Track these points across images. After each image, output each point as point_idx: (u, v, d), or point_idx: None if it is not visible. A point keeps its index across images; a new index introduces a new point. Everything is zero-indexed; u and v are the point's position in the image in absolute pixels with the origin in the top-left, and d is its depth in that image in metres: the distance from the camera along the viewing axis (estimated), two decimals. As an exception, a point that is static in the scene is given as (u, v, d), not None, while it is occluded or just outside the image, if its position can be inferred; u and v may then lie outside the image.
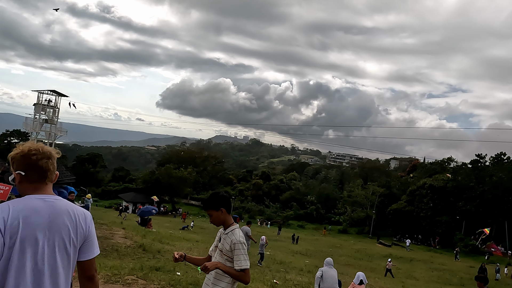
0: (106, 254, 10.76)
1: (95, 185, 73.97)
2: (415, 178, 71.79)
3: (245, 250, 3.21)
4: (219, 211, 3.31)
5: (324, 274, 8.78)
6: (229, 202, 3.43)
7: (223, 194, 3.47)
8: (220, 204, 3.31)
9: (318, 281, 8.71)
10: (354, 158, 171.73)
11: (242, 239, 3.24)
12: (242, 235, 3.29)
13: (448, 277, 28.03)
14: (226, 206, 3.38)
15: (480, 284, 7.39)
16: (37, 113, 52.92)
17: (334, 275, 9.00)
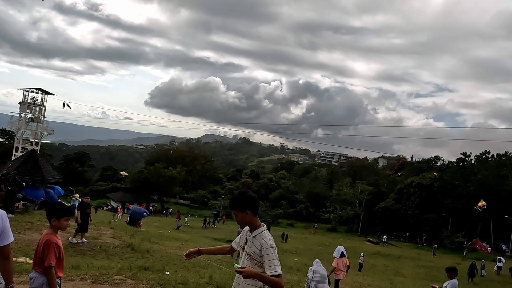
0: (94, 254, 10.67)
1: (82, 184, 72.99)
2: (403, 177, 72.60)
3: (276, 254, 3.03)
4: (244, 213, 3.13)
5: (315, 273, 8.78)
6: (256, 203, 3.19)
7: (250, 195, 3.21)
8: (245, 206, 3.13)
9: (309, 282, 8.70)
10: (343, 157, 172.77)
11: (273, 243, 3.06)
12: (271, 238, 3.09)
13: (435, 274, 28.42)
14: (252, 207, 3.15)
15: (451, 276, 7.72)
16: (22, 111, 51.93)
17: (324, 274, 9.04)
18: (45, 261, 3.57)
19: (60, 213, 3.75)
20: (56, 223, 3.73)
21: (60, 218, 3.74)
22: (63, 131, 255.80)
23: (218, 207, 72.38)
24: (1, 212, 2.99)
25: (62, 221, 3.76)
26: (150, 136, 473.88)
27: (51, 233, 3.72)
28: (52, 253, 3.60)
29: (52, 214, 3.75)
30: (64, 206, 3.88)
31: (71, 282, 6.45)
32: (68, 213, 3.82)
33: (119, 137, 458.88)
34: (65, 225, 3.81)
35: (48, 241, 3.62)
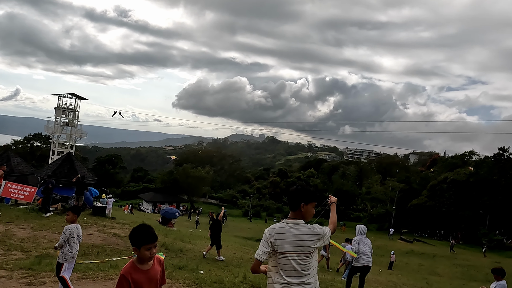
0: (130, 253, 10.93)
1: (115, 185, 75.20)
2: (436, 173, 70.50)
3: (262, 240, 3.18)
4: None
5: (360, 245, 8.51)
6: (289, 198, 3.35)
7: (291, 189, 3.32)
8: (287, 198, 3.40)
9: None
10: (372, 154, 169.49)
11: (267, 229, 3.23)
12: (272, 227, 3.23)
13: (473, 273, 27.45)
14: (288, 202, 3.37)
15: (498, 277, 7.30)
16: (58, 116, 54.04)
17: (368, 246, 8.67)
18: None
19: (139, 241, 2.92)
20: (136, 252, 2.92)
21: (140, 247, 2.91)
22: (96, 134, 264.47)
23: (247, 206, 72.70)
24: None
25: (143, 251, 2.91)
26: (178, 137, 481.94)
27: (132, 262, 2.99)
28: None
29: (133, 242, 2.95)
30: (151, 231, 2.99)
31: (110, 281, 6.64)
32: (150, 239, 2.93)
33: (148, 138, 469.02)
34: (148, 255, 2.93)
35: (120, 274, 2.95)
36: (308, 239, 3.15)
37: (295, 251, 3.10)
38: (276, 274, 3.13)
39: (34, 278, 6.47)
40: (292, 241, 3.11)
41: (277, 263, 3.12)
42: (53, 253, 9.33)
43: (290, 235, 3.13)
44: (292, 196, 3.28)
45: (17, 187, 16.11)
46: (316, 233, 3.22)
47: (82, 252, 9.90)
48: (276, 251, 3.11)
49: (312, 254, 3.17)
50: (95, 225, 13.93)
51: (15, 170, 23.65)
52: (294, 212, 3.26)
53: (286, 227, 3.17)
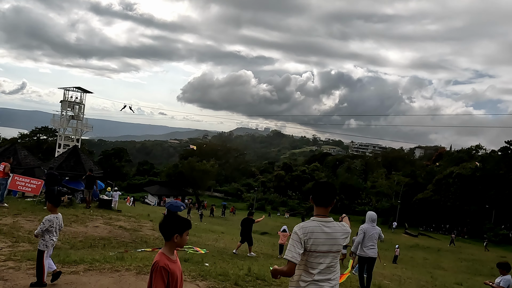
0: (136, 246, 11.03)
1: (120, 179, 75.69)
2: (442, 167, 70.15)
3: (292, 240, 3.02)
4: (311, 199, 3.23)
5: (366, 235, 8.23)
6: (316, 192, 3.18)
7: (316, 184, 3.24)
8: (311, 193, 3.21)
9: (357, 246, 8.19)
10: (378, 148, 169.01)
11: (297, 228, 3.06)
12: (301, 225, 3.08)
13: (478, 268, 27.38)
14: (314, 196, 3.19)
15: (503, 271, 7.28)
16: (64, 110, 54.41)
17: (374, 235, 8.30)
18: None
19: (183, 227, 3.05)
20: (178, 239, 3.01)
21: (183, 233, 3.04)
22: (101, 128, 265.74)
23: (251, 199, 72.92)
24: None
25: (185, 236, 3.07)
26: (183, 130, 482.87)
27: (164, 254, 3.02)
28: (159, 280, 2.89)
29: (175, 229, 3.00)
30: (183, 218, 3.19)
31: (117, 273, 6.71)
32: (189, 225, 3.13)
33: (153, 132, 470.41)
34: (186, 241, 3.12)
35: (156, 264, 2.94)
36: (340, 237, 3.12)
37: (328, 250, 3.04)
38: (303, 271, 3.06)
39: (42, 270, 6.55)
40: (326, 239, 3.04)
41: (306, 261, 3.05)
42: (60, 245, 9.44)
43: (323, 234, 3.04)
44: (328, 191, 3.18)
45: (24, 180, 16.27)
46: (346, 231, 3.19)
47: (88, 244, 10.02)
48: (308, 250, 3.01)
49: (340, 251, 3.16)
50: (101, 218, 14.06)
51: (22, 163, 23.85)
52: (325, 209, 3.16)
53: (318, 225, 3.07)
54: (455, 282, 18.19)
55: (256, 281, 7.32)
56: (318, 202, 3.16)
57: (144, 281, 6.41)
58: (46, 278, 5.74)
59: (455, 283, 17.61)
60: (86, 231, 11.50)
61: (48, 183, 14.96)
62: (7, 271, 6.35)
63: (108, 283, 6.13)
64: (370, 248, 8.31)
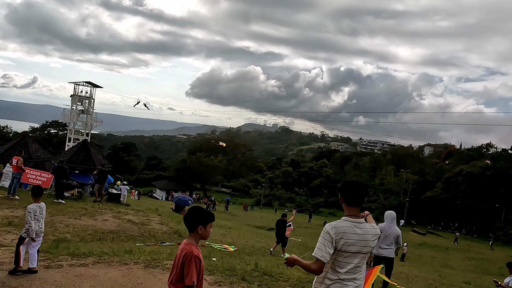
0: (144, 239, 11.14)
1: (129, 173, 76.27)
2: (451, 165, 69.53)
3: (322, 238, 3.01)
4: (341, 199, 3.18)
5: (383, 234, 7.99)
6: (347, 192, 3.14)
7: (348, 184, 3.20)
8: (341, 191, 3.18)
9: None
10: (386, 145, 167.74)
11: (328, 227, 3.04)
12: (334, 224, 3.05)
13: (487, 267, 27.16)
14: (345, 195, 3.16)
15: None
16: (74, 104, 54.90)
17: (391, 234, 8.02)
18: (186, 279, 3.00)
19: (207, 219, 3.20)
20: (202, 231, 3.16)
21: (207, 224, 3.19)
22: (110, 122, 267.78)
23: (259, 195, 73.05)
24: None
25: (209, 228, 3.22)
26: (192, 126, 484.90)
27: (192, 244, 3.15)
28: (194, 268, 3.03)
29: (199, 220, 3.16)
30: (207, 210, 3.34)
31: (125, 266, 6.78)
32: (213, 217, 3.30)
33: (162, 127, 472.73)
34: (210, 232, 3.28)
35: (189, 254, 3.06)
36: (371, 239, 3.10)
37: (358, 251, 3.03)
38: (330, 269, 3.06)
39: (52, 261, 6.65)
40: (356, 240, 3.02)
41: (334, 260, 3.04)
42: (70, 238, 9.57)
43: (354, 235, 3.02)
44: (360, 190, 3.15)
45: (35, 173, 16.46)
46: (376, 233, 3.17)
47: (97, 237, 10.14)
48: (338, 250, 3.00)
49: (369, 252, 3.16)
50: (110, 211, 14.20)
51: (33, 156, 24.13)
52: (356, 209, 3.13)
53: (351, 226, 3.05)
54: (463, 281, 18.06)
55: (263, 276, 7.34)
56: (350, 201, 3.13)
57: (153, 275, 6.47)
58: (23, 264, 5.95)
59: (463, 282, 17.49)
60: (95, 224, 11.62)
61: (56, 176, 15.11)
62: (18, 262, 6.45)
63: (116, 276, 6.20)
64: (385, 248, 8.13)
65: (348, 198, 3.13)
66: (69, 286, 5.54)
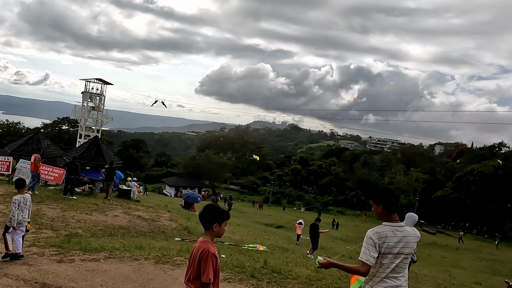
0: (154, 235, 11.23)
1: (139, 169, 76.89)
2: (462, 164, 68.67)
3: (367, 243, 3.19)
4: (378, 206, 3.34)
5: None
6: (390, 200, 3.31)
7: (387, 192, 3.38)
8: (380, 199, 3.33)
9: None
10: (396, 144, 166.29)
11: (371, 233, 3.22)
12: (377, 230, 3.23)
13: (498, 267, 26.84)
14: (386, 203, 3.31)
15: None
16: (85, 100, 55.45)
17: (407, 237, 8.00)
18: (203, 276, 3.03)
19: (223, 218, 3.25)
20: (217, 229, 3.21)
21: (222, 222, 3.25)
22: (121, 119, 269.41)
23: (267, 193, 73.06)
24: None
25: (223, 226, 3.28)
26: (201, 123, 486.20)
27: (208, 242, 3.18)
28: (211, 266, 3.06)
29: (214, 219, 3.20)
30: (222, 209, 3.38)
31: (136, 262, 6.86)
32: (228, 216, 3.35)
33: (172, 124, 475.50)
34: (224, 230, 3.34)
35: (205, 251, 3.09)
36: (412, 241, 3.30)
37: (400, 252, 3.22)
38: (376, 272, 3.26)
39: (64, 256, 6.75)
40: (398, 242, 3.22)
41: (380, 262, 3.23)
42: (82, 233, 9.71)
43: (395, 238, 3.22)
44: (397, 197, 3.36)
45: (47, 169, 16.70)
46: (417, 235, 3.39)
47: (108, 233, 10.25)
48: (382, 253, 3.20)
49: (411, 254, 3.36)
50: (121, 207, 14.34)
51: (45, 152, 24.44)
52: (393, 214, 3.33)
53: (391, 230, 3.24)
54: (474, 281, 17.90)
55: (272, 274, 7.36)
56: (390, 208, 3.33)
57: (163, 270, 6.53)
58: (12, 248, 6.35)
59: (474, 283, 17.33)
60: (106, 220, 11.76)
61: (68, 172, 15.27)
62: (32, 256, 6.57)
63: (127, 271, 6.28)
64: None
65: (388, 206, 3.32)
66: (81, 280, 5.63)
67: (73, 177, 15.05)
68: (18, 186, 6.73)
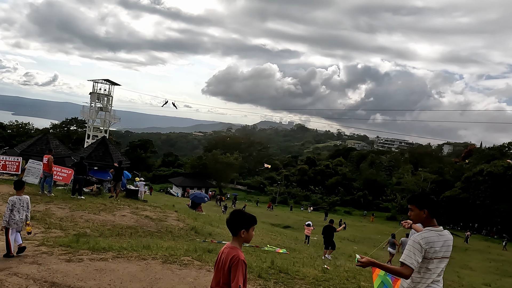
0: (161, 235, 11.28)
1: (146, 169, 77.23)
2: (471, 164, 68.03)
3: (412, 247, 3.22)
4: (422, 211, 3.40)
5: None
6: (436, 206, 3.42)
7: (432, 197, 3.47)
8: (425, 205, 3.39)
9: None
10: (404, 143, 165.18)
11: (418, 237, 3.26)
12: (424, 236, 3.27)
13: (508, 269, 26.53)
14: (431, 208, 3.39)
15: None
16: (92, 101, 55.85)
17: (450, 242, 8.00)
18: (233, 283, 3.07)
19: (250, 223, 3.24)
20: (245, 234, 3.21)
21: (249, 228, 3.23)
22: (128, 119, 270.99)
23: (274, 193, 73.00)
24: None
25: (251, 231, 3.26)
26: (207, 123, 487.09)
27: (237, 248, 3.20)
28: (241, 273, 3.09)
29: (241, 224, 3.21)
30: (250, 214, 3.35)
31: (144, 261, 6.89)
32: (255, 221, 3.31)
33: (178, 124, 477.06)
34: (252, 235, 3.31)
35: (236, 258, 3.11)
36: (451, 244, 3.41)
37: (444, 256, 3.33)
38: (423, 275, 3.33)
39: (73, 255, 6.80)
40: (442, 247, 3.31)
41: (426, 268, 3.31)
42: (90, 232, 9.78)
43: (439, 242, 3.31)
44: (438, 205, 3.48)
45: (56, 169, 16.82)
46: (452, 238, 3.46)
47: (116, 233, 10.31)
48: (429, 258, 3.28)
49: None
50: (128, 207, 14.42)
51: (54, 152, 24.68)
52: (434, 219, 3.43)
53: (436, 235, 3.33)
54: (483, 283, 17.72)
55: (279, 274, 7.35)
56: (435, 214, 3.43)
57: (170, 270, 6.55)
58: (14, 249, 6.48)
59: (483, 284, 17.15)
60: (114, 220, 11.83)
61: (76, 172, 15.41)
62: (41, 255, 6.63)
63: (135, 270, 6.31)
64: None
65: (434, 211, 3.41)
66: (89, 279, 5.67)
67: (81, 177, 15.19)
68: (16, 187, 6.76)
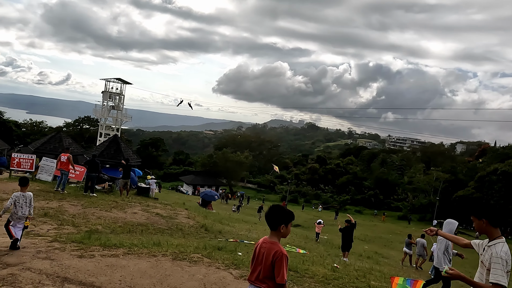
0: (172, 232, 11.36)
1: (157, 167, 77.83)
2: (485, 164, 66.92)
3: (504, 266, 3.18)
4: (481, 221, 3.37)
5: (445, 245, 8.02)
6: (495, 214, 3.37)
7: (490, 206, 3.44)
8: (483, 214, 3.36)
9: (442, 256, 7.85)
10: (416, 142, 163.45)
11: (504, 255, 3.21)
12: (505, 250, 3.23)
13: (522, 270, 26.02)
14: (490, 217, 3.35)
15: None
16: (105, 100, 56.49)
17: (440, 246, 8.07)
18: (278, 277, 3.11)
19: (289, 218, 3.27)
20: (284, 230, 3.24)
21: (288, 223, 3.26)
22: (140, 118, 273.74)
23: (284, 191, 72.94)
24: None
25: (289, 227, 3.30)
26: (218, 122, 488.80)
27: (277, 243, 3.24)
28: (285, 267, 3.14)
29: (281, 220, 3.23)
30: (288, 210, 3.36)
31: (154, 258, 6.96)
32: (293, 216, 3.33)
33: (189, 123, 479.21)
34: (290, 231, 3.35)
35: (279, 253, 3.15)
36: None
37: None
38: None
39: (85, 251, 6.90)
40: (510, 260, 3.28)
41: None
42: (101, 229, 9.90)
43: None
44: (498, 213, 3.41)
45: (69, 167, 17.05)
46: None
47: (127, 230, 10.43)
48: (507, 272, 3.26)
49: None
50: (139, 205, 14.57)
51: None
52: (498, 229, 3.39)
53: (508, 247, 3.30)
54: (497, 283, 17.40)
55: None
56: (496, 223, 3.38)
57: (180, 267, 6.61)
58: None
59: (496, 285, 16.84)
60: (125, 217, 11.96)
61: (88, 169, 15.62)
62: (54, 251, 6.74)
63: (145, 267, 6.37)
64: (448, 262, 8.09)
65: (493, 220, 3.36)
66: (101, 275, 5.75)
67: (94, 174, 15.38)
68: (21, 183, 6.90)
